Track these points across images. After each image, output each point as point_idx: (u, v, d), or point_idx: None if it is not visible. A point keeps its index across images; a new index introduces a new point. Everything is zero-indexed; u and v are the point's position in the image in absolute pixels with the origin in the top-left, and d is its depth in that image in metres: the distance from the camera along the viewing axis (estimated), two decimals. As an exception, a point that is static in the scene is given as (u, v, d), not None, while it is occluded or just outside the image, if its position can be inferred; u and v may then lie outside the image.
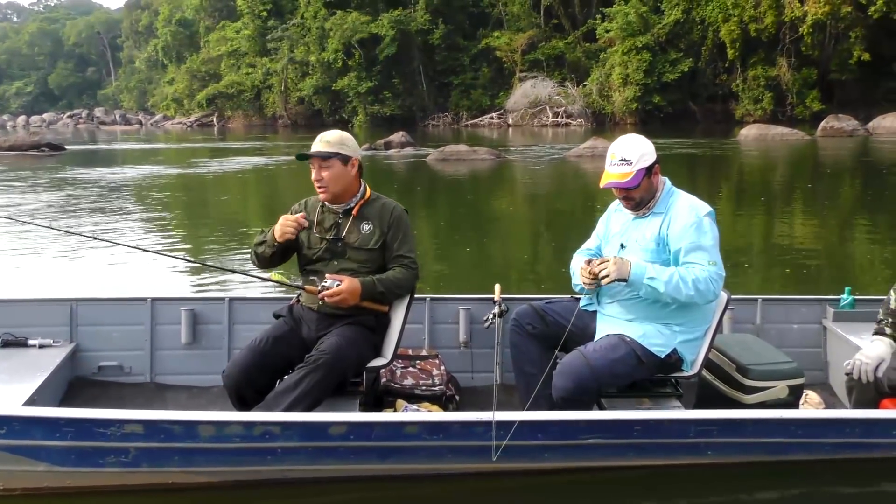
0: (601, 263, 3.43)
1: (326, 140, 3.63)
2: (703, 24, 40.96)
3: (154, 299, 4.34)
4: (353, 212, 3.68)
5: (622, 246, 3.64)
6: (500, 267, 8.38)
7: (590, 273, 3.47)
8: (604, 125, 41.57)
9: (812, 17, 36.30)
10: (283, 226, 3.61)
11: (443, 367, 4.19)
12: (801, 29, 37.25)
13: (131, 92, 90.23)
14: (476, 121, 47.36)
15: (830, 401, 4.19)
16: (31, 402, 3.52)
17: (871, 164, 20.63)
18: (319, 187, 3.64)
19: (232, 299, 4.37)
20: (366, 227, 3.67)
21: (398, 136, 28.80)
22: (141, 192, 16.23)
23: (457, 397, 4.14)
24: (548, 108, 44.23)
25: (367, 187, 3.78)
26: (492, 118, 46.95)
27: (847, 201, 13.80)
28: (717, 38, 40.11)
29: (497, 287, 4.11)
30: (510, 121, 45.41)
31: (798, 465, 3.38)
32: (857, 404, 3.60)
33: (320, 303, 3.58)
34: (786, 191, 15.37)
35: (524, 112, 44.72)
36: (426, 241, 9.56)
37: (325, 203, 3.73)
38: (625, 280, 3.38)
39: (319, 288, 3.51)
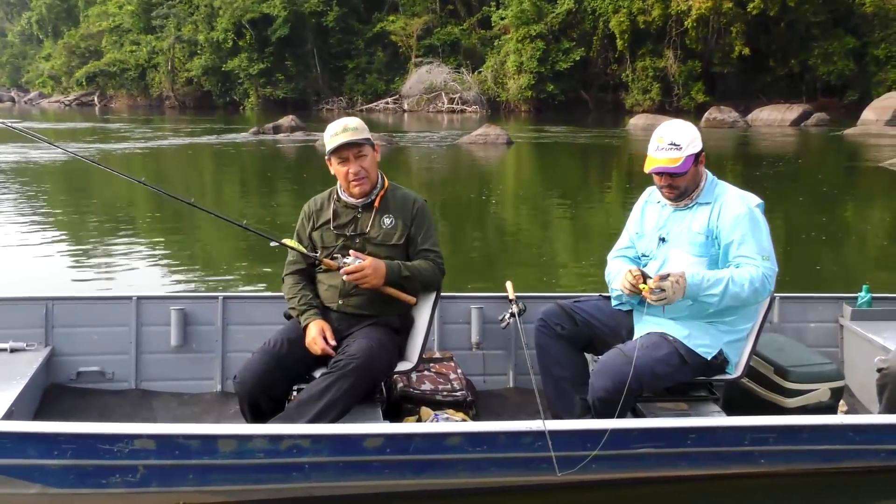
0: (658, 290, 3.08)
1: (352, 128, 3.34)
2: (594, 14, 41.81)
3: (140, 298, 3.98)
4: (375, 203, 3.41)
5: (662, 240, 3.40)
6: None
7: (641, 293, 3.13)
8: (499, 112, 41.89)
9: (696, 12, 37.70)
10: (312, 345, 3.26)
11: (459, 371, 3.96)
12: (686, 22, 38.61)
13: (3, 67, 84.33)
14: (371, 106, 46.82)
15: (850, 402, 4.02)
16: (9, 414, 3.14)
17: (752, 154, 21.58)
18: (357, 180, 3.34)
19: (226, 298, 4.03)
20: (387, 221, 3.41)
21: (287, 120, 28.14)
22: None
23: (475, 402, 3.91)
24: (443, 94, 44.20)
25: (384, 176, 3.50)
26: (387, 103, 46.57)
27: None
28: (608, 29, 41.03)
29: (509, 285, 3.90)
30: (406, 106, 45.14)
31: (851, 474, 3.27)
32: (890, 402, 3.41)
33: (339, 302, 3.34)
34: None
35: (420, 98, 44.56)
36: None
37: (341, 197, 3.44)
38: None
39: (340, 264, 3.23)
